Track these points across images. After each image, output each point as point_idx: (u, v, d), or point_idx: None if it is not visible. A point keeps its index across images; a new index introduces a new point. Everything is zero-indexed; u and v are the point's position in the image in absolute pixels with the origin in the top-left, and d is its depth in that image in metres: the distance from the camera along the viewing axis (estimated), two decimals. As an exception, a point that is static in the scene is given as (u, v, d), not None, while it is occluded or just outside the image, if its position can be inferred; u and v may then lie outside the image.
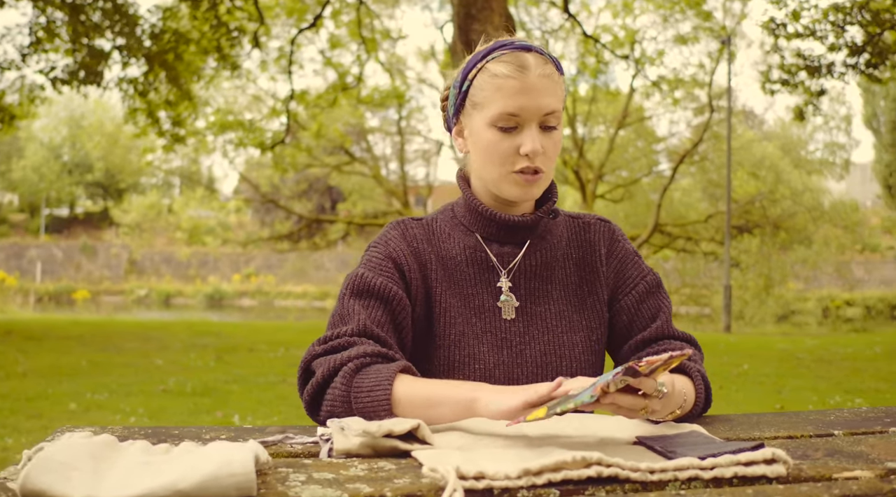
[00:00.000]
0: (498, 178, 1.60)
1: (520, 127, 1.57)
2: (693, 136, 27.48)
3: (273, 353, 10.92)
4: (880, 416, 1.63)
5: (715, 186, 30.14)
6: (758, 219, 27.89)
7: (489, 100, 1.58)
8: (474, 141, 1.63)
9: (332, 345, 1.52)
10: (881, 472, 1.18)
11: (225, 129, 16.14)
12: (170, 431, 1.42)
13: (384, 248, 1.64)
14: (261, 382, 8.20)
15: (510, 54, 1.59)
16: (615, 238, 1.76)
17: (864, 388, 8.08)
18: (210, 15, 12.54)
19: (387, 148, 29.84)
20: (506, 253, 1.67)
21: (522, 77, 1.56)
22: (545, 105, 1.56)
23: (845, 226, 31.19)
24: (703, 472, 1.13)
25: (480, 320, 1.63)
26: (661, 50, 20.83)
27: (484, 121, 1.59)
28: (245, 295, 34.07)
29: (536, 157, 1.57)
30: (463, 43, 12.53)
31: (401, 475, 1.13)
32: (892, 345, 12.69)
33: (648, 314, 1.70)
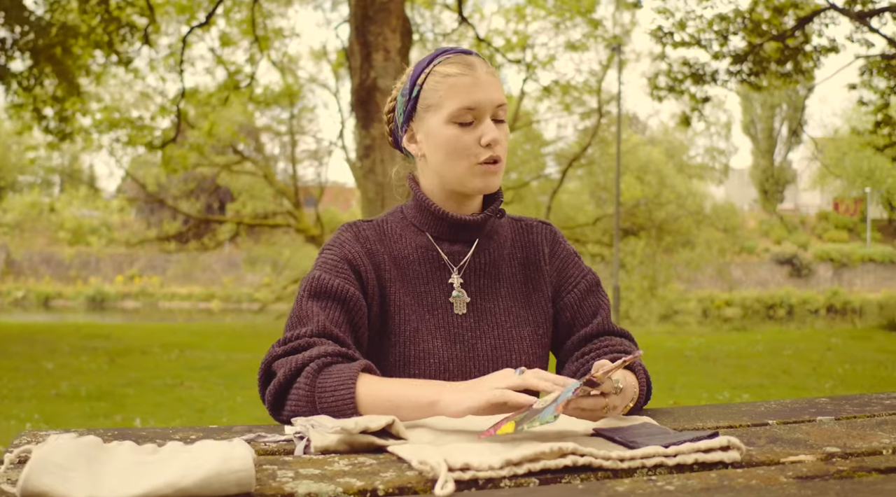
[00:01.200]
0: (462, 172, 1.67)
1: (476, 121, 1.65)
2: (580, 141, 28.10)
3: (167, 356, 10.70)
4: (805, 406, 1.75)
5: (602, 190, 30.89)
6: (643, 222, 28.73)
7: (444, 99, 1.65)
8: (432, 142, 1.69)
9: (292, 346, 1.56)
10: (822, 455, 1.29)
11: (113, 126, 15.71)
12: (137, 433, 1.42)
13: (339, 251, 1.68)
14: (157, 385, 8.04)
15: (455, 57, 1.69)
16: (556, 239, 1.85)
17: (750, 384, 8.45)
18: (100, 9, 12.20)
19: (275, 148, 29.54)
20: (456, 251, 1.74)
21: (473, 74, 1.65)
22: (496, 98, 1.66)
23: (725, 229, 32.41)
24: (667, 459, 1.21)
25: (434, 316, 1.69)
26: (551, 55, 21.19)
27: (441, 120, 1.66)
28: (128, 296, 33.18)
29: (496, 145, 1.65)
30: (360, 44, 12.53)
31: (384, 469, 1.18)
32: (772, 342, 13.28)
33: (589, 311, 1.79)
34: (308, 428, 1.36)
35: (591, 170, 30.03)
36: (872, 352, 11.55)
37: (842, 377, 9.08)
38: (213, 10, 14.54)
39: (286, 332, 1.60)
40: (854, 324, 23.52)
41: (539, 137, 29.51)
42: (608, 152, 28.80)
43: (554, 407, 1.28)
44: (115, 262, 35.79)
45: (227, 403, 7.12)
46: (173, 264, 34.19)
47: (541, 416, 1.29)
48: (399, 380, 1.51)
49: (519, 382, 1.39)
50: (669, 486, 1.10)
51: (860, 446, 1.35)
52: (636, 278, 26.21)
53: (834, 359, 10.77)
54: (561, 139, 30.45)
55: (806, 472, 1.19)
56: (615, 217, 21.55)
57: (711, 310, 32.34)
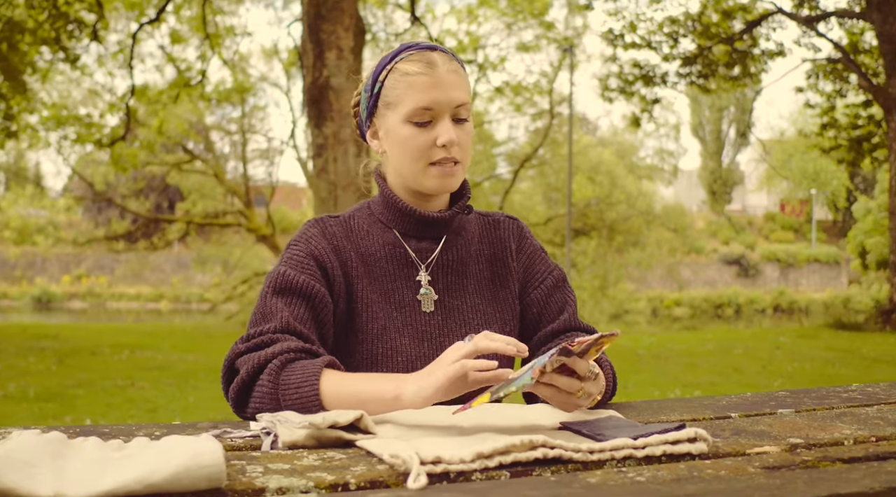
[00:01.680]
0: (417, 172, 1.66)
1: (434, 121, 1.64)
2: (532, 141, 28.25)
3: (117, 356, 10.54)
4: (765, 399, 1.77)
5: (553, 190, 31.08)
6: (594, 222, 28.98)
7: (402, 97, 1.64)
8: (391, 139, 1.68)
9: (255, 342, 1.54)
10: (786, 446, 1.31)
11: (60, 124, 15.45)
12: (99, 430, 1.40)
13: (305, 246, 1.67)
14: (108, 386, 7.92)
15: (417, 54, 1.66)
16: (523, 235, 1.85)
17: (701, 382, 8.55)
18: (48, 4, 11.98)
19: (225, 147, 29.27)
20: (423, 248, 1.73)
21: (432, 73, 1.63)
22: (456, 98, 1.64)
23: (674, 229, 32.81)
24: (636, 451, 1.22)
25: (401, 314, 1.68)
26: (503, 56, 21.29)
27: (399, 118, 1.65)
28: (75, 297, 32.66)
29: (452, 147, 1.64)
30: (313, 42, 12.46)
31: (354, 463, 1.17)
32: (722, 341, 13.47)
33: (556, 307, 1.79)
34: (275, 423, 1.34)
35: (543, 170, 30.21)
36: (820, 350, 11.76)
37: (791, 375, 9.23)
38: (164, 7, 14.38)
39: (250, 329, 1.58)
40: (801, 323, 23.94)
41: (491, 138, 29.62)
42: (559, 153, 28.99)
43: (531, 372, 1.29)
44: (61, 262, 35.20)
45: (179, 404, 7.04)
46: (122, 264, 33.73)
47: (517, 382, 1.29)
48: (362, 375, 1.50)
49: (471, 350, 1.39)
50: (640, 477, 1.11)
51: (822, 437, 1.38)
52: (587, 278, 26.43)
53: (783, 357, 10.95)
54: (512, 140, 30.61)
55: (772, 463, 1.20)
56: (567, 217, 21.70)
57: (661, 309, 32.71)
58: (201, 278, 31.54)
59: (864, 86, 15.60)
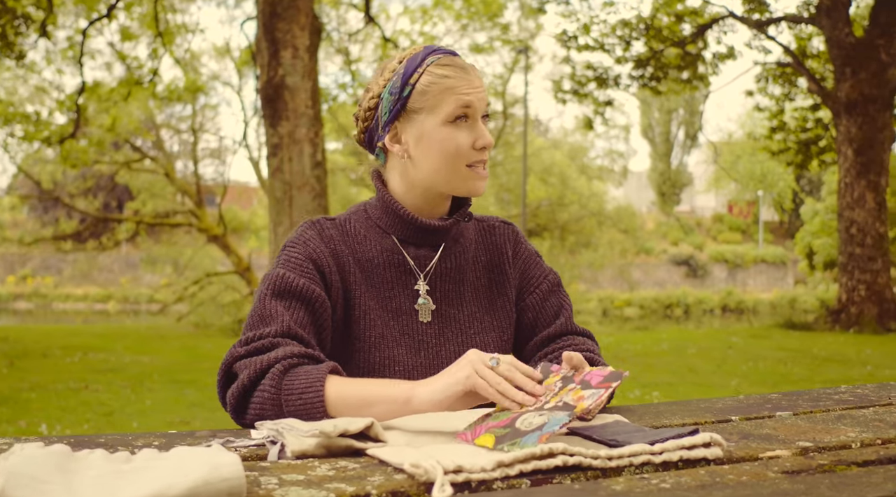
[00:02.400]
0: (453, 173, 1.64)
1: (470, 120, 1.63)
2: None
3: (70, 358, 10.34)
4: (761, 402, 1.77)
5: (506, 191, 31.21)
6: (547, 223, 29.16)
7: (440, 100, 1.62)
8: (426, 143, 1.64)
9: (255, 346, 1.50)
10: (797, 450, 1.31)
11: (7, 121, 15.11)
12: (94, 440, 1.35)
13: (303, 249, 1.63)
14: (61, 389, 7.75)
15: (446, 58, 1.65)
16: (519, 240, 1.83)
17: (659, 382, 8.62)
18: (-5, -1, 11.71)
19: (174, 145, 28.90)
20: (422, 256, 1.70)
21: (466, 76, 1.63)
22: (485, 99, 1.66)
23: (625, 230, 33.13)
24: (654, 456, 1.21)
25: (398, 323, 1.66)
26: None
27: (438, 120, 1.62)
28: (20, 297, 32.02)
29: (488, 149, 1.65)
30: (268, 41, 12.35)
31: (370, 473, 1.14)
32: (676, 342, 13.61)
33: (552, 312, 1.78)
34: (281, 432, 1.31)
35: (496, 171, 30.30)
36: (772, 350, 11.94)
37: (745, 374, 9.35)
38: (115, 4, 14.14)
39: (247, 332, 1.54)
40: (751, 323, 24.31)
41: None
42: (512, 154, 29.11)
43: (538, 436, 1.25)
44: (6, 262, 34.52)
45: (135, 407, 6.91)
46: (69, 264, 33.16)
47: (522, 442, 1.26)
48: (368, 380, 1.47)
49: (491, 376, 1.37)
50: (664, 484, 1.09)
51: (830, 441, 1.38)
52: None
53: (736, 357, 11.09)
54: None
55: (789, 467, 1.19)
56: (521, 218, 21.78)
57: (611, 310, 32.98)
58: (150, 279, 31.11)
59: (814, 90, 15.88)
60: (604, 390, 1.34)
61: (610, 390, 1.35)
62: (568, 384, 1.39)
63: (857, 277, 14.56)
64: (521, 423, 1.31)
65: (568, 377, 1.40)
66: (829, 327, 14.81)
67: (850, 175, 14.62)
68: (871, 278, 14.46)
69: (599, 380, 1.37)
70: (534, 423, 1.31)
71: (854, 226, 14.63)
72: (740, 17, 17.08)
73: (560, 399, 1.35)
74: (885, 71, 14.29)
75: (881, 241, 14.52)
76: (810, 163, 19.04)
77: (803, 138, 18.72)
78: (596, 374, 1.38)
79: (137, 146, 22.58)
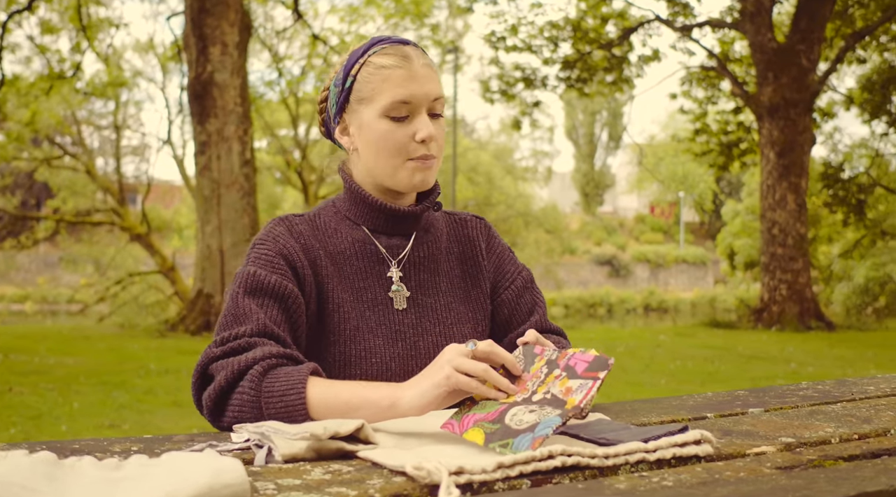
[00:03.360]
0: (394, 168, 1.61)
1: (411, 115, 1.59)
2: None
3: (-11, 361, 10.01)
4: (729, 399, 1.79)
5: (433, 191, 31.16)
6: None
7: (378, 91, 1.59)
8: (365, 135, 1.62)
9: (231, 346, 1.46)
10: (781, 446, 1.32)
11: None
12: (69, 446, 1.29)
13: (274, 245, 1.60)
14: (-18, 393, 7.50)
15: (390, 47, 1.62)
16: (491, 234, 1.82)
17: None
18: None
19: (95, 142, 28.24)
20: (394, 245, 1.68)
21: (408, 66, 1.59)
22: (432, 91, 1.60)
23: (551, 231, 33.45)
24: (648, 454, 1.21)
25: (374, 313, 1.63)
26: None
27: (375, 113, 1.59)
28: (-70, 299, 30.94)
29: (431, 142, 1.60)
30: (196, 37, 12.14)
31: (367, 476, 1.11)
32: (604, 341, 13.80)
33: (526, 308, 1.77)
34: (268, 435, 1.27)
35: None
36: (698, 348, 12.17)
37: (674, 373, 9.51)
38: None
39: (222, 332, 1.50)
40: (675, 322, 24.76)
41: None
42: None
43: (531, 439, 1.24)
44: (-85, 263, 33.26)
45: (63, 410, 6.72)
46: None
47: (514, 445, 1.24)
48: (351, 382, 1.44)
49: (472, 367, 1.34)
50: (666, 482, 1.09)
51: (810, 436, 1.39)
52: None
53: (664, 355, 11.28)
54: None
55: (781, 463, 1.20)
56: (450, 218, 21.78)
57: (538, 309, 33.23)
58: (69, 278, 30.33)
59: (737, 93, 16.25)
60: (592, 382, 1.33)
61: (599, 382, 1.33)
62: (553, 370, 1.37)
63: (779, 277, 14.95)
64: (510, 420, 1.30)
65: (552, 361, 1.38)
66: (752, 326, 15.18)
67: (773, 177, 15.00)
68: (792, 278, 14.86)
69: (584, 367, 1.35)
70: (524, 420, 1.30)
71: (776, 227, 15.02)
72: (665, 20, 17.39)
73: (548, 389, 1.34)
74: (805, 76, 14.70)
75: (802, 241, 14.93)
76: (732, 165, 19.48)
77: (725, 141, 19.15)
78: (580, 359, 1.36)
79: (58, 142, 21.97)
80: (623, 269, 39.85)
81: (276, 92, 21.10)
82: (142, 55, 24.01)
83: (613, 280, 39.25)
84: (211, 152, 12.00)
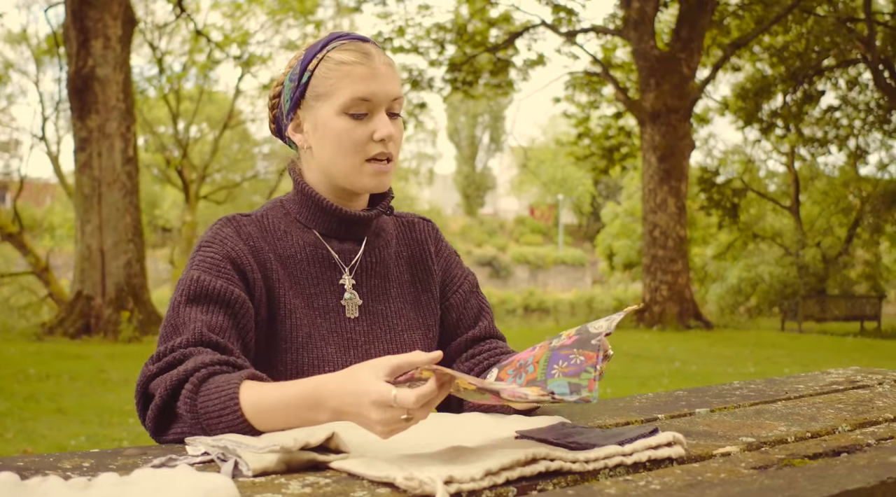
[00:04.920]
0: (351, 168, 1.56)
1: (370, 113, 1.54)
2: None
3: None
4: (671, 400, 1.81)
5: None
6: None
7: (337, 87, 1.53)
8: (321, 133, 1.56)
9: (167, 361, 1.39)
10: (744, 445, 1.34)
11: None
12: (11, 463, 1.20)
13: (220, 248, 1.52)
14: None
15: (350, 43, 1.57)
16: (439, 237, 1.80)
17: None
18: None
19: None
20: (346, 250, 1.63)
21: (370, 63, 1.54)
22: (392, 90, 1.55)
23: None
24: (625, 458, 1.20)
25: (326, 321, 1.57)
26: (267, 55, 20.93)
27: (333, 110, 1.54)
28: None
29: (389, 142, 1.55)
30: (77, 30, 11.68)
31: (349, 488, 1.07)
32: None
33: (473, 313, 1.74)
34: (232, 449, 1.20)
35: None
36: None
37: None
38: None
39: (159, 346, 1.42)
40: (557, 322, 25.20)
41: (251, 137, 29.18)
42: (323, 154, 28.78)
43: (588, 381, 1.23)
44: None
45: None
46: None
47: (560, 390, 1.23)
48: (284, 390, 1.33)
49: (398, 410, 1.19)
50: (654, 485, 1.09)
51: (767, 435, 1.42)
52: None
53: (552, 355, 11.44)
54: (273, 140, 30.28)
55: (755, 463, 1.22)
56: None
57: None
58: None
59: (620, 99, 16.67)
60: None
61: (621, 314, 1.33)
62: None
63: (660, 278, 15.42)
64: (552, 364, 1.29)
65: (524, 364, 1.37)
66: (635, 325, 15.59)
67: (654, 181, 15.46)
68: (672, 279, 15.34)
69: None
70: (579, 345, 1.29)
71: (657, 229, 15.47)
72: (550, 25, 17.70)
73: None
74: (686, 83, 15.21)
75: (681, 243, 15.43)
76: (613, 168, 19.99)
77: (607, 145, 19.62)
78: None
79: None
80: (503, 271, 40.38)
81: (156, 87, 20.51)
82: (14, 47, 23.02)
83: (494, 281, 39.72)
84: (92, 149, 11.58)
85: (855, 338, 16.55)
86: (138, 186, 11.63)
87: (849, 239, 21.80)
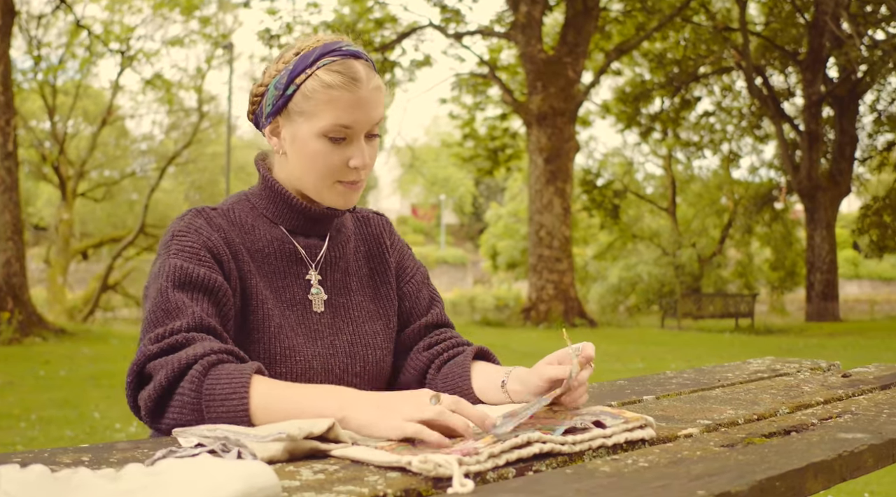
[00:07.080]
0: (322, 187, 1.61)
1: (348, 139, 1.58)
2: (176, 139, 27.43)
3: None
4: (615, 389, 1.90)
5: (198, 189, 30.38)
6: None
7: (320, 110, 1.55)
8: (298, 147, 1.59)
9: (168, 343, 1.40)
10: (703, 428, 1.43)
11: None
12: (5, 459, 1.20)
13: (196, 237, 1.54)
14: None
15: (341, 63, 1.56)
16: (392, 231, 1.87)
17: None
18: None
19: None
20: (311, 245, 1.68)
21: (356, 90, 1.55)
22: (375, 117, 1.59)
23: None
24: (606, 440, 1.28)
25: (293, 313, 1.63)
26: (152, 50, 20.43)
27: (312, 131, 1.56)
28: None
29: (363, 169, 1.60)
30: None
31: (358, 473, 1.11)
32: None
33: (425, 302, 1.82)
34: (234, 439, 1.23)
35: (186, 169, 29.46)
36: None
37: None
38: None
39: (155, 328, 1.43)
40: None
41: (128, 134, 28.42)
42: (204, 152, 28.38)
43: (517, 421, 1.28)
44: None
45: None
46: None
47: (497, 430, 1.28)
48: (295, 388, 1.38)
49: (434, 416, 1.26)
50: (642, 462, 1.16)
51: (722, 418, 1.52)
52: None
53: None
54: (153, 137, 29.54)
55: (722, 442, 1.31)
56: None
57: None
58: None
59: (507, 101, 16.94)
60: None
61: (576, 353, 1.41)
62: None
63: (546, 277, 15.75)
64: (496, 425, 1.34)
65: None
66: (521, 324, 15.88)
67: (540, 182, 15.78)
68: (557, 278, 15.70)
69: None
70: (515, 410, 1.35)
71: (543, 229, 15.80)
72: (438, 26, 17.85)
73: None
74: (571, 86, 15.58)
75: (566, 243, 15.81)
76: (497, 169, 20.29)
77: (492, 146, 19.90)
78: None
79: None
80: (387, 270, 40.37)
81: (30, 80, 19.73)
82: None
83: (377, 281, 39.67)
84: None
85: (731, 334, 17.25)
86: (18, 183, 11.18)
87: (722, 240, 22.76)
